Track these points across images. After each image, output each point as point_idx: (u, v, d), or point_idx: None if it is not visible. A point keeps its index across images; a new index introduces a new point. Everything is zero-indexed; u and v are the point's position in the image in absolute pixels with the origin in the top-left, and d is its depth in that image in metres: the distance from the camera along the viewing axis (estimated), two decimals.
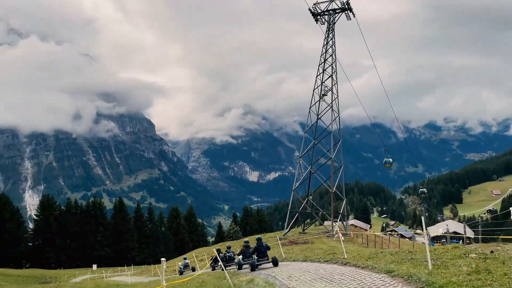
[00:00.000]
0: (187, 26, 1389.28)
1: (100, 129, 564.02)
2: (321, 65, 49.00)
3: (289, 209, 47.57)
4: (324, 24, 50.75)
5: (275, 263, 16.63)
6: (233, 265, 19.13)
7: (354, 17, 49.45)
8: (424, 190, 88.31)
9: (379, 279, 10.05)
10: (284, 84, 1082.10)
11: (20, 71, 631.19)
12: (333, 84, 48.36)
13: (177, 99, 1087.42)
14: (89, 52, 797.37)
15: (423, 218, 10.52)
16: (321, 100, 48.42)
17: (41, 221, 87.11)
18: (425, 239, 12.23)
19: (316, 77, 49.02)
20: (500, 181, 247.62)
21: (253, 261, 16.81)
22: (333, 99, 47.85)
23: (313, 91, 48.92)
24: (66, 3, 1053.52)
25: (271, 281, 10.92)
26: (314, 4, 50.06)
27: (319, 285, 10.10)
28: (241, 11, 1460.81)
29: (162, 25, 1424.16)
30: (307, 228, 54.34)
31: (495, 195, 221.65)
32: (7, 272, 59.86)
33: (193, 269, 27.76)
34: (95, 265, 71.71)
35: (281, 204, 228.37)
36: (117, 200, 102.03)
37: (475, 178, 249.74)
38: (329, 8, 49.96)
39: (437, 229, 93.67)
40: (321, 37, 50.58)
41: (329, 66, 48.81)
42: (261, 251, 17.30)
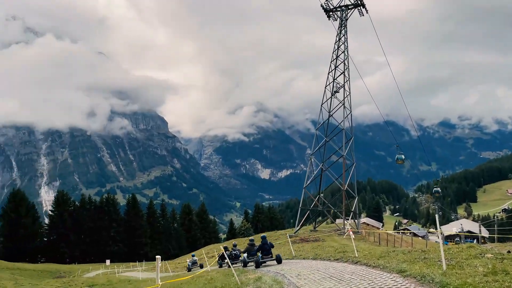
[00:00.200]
0: (199, 23, 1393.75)
1: (114, 126, 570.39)
2: (333, 62, 48.52)
3: (300, 206, 47.34)
4: (336, 20, 50.24)
5: (279, 261, 17.15)
6: (239, 263, 19.52)
7: (367, 13, 48.82)
8: (438, 189, 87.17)
9: (391, 279, 9.76)
10: (296, 81, 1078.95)
11: (36, 69, 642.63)
12: (345, 81, 47.86)
13: (190, 96, 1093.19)
14: (103, 50, 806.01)
15: (437, 216, 10.21)
16: (333, 97, 47.95)
17: (56, 217, 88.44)
18: (439, 238, 11.86)
19: (328, 74, 48.58)
20: None
21: (258, 259, 17.26)
22: (345, 96, 47.38)
23: (325, 88, 48.50)
24: (81, 1, 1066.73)
25: (279, 280, 10.74)
26: (326, 0, 49.55)
27: (328, 284, 9.89)
28: (254, 8, 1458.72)
29: (175, 23, 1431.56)
30: (318, 226, 54.02)
31: (510, 194, 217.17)
32: (22, 266, 60.96)
33: (201, 266, 27.86)
34: (108, 261, 72.49)
35: (292, 201, 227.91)
36: (130, 196, 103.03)
37: (490, 176, 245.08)
38: (341, 4, 49.42)
39: (450, 228, 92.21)
40: (333, 34, 50.09)
41: (341, 62, 48.32)
42: (265, 249, 17.74)
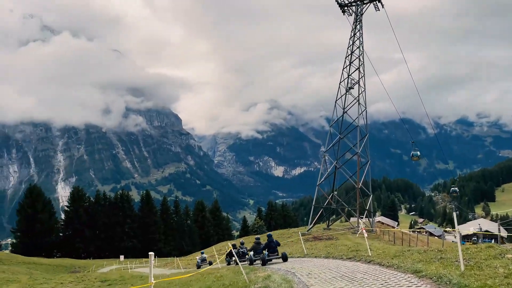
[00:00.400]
0: (214, 21, 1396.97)
1: (128, 123, 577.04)
2: (347, 58, 47.77)
3: (314, 204, 46.84)
4: (351, 15, 49.42)
5: (285, 259, 17.43)
6: (246, 261, 19.66)
7: (382, 7, 47.90)
8: (456, 189, 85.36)
9: (405, 279, 9.32)
10: (310, 78, 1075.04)
11: (53, 67, 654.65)
12: (360, 77, 47.07)
13: (204, 94, 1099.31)
14: (119, 47, 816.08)
15: (454, 214, 9.73)
16: (347, 93, 47.24)
17: (71, 212, 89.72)
18: (457, 237, 11.33)
19: (342, 70, 47.84)
20: None
21: (264, 256, 17.49)
22: (360, 92, 46.58)
23: (339, 84, 47.80)
24: (97, 0, 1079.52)
25: (288, 278, 10.42)
26: None
27: (339, 284, 9.50)
28: (268, 6, 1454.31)
29: (189, 21, 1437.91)
30: (331, 224, 53.44)
31: None
32: (38, 261, 61.95)
33: (210, 263, 27.96)
34: (122, 256, 73.18)
35: (306, 199, 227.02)
36: (144, 193, 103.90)
37: (509, 175, 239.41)
38: None
39: (468, 228, 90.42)
40: (348, 30, 49.31)
41: (356, 58, 47.52)
42: (271, 246, 18.06)
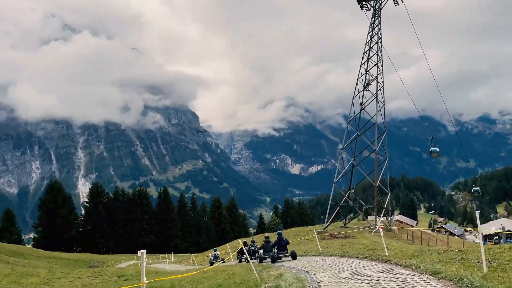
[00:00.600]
0: (231, 18, 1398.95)
1: (147, 121, 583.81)
2: (365, 53, 46.91)
3: (330, 202, 46.29)
4: (369, 10, 48.49)
5: (294, 257, 17.68)
6: (256, 259, 19.81)
7: (402, 2, 46.81)
8: (477, 189, 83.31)
9: (424, 280, 8.88)
10: (327, 75, 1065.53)
11: (73, 65, 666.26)
12: (379, 73, 46.17)
13: (221, 91, 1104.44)
14: (137, 46, 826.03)
15: (477, 213, 9.28)
16: (365, 89, 46.41)
17: (91, 208, 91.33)
18: (479, 237, 10.82)
19: (360, 66, 47.04)
20: None
21: (274, 254, 17.81)
22: (378, 88, 45.70)
23: (357, 80, 47.01)
24: None
25: (301, 277, 10.12)
26: None
27: (353, 285, 9.13)
28: (285, 2, 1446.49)
29: (206, 18, 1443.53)
30: (348, 222, 52.77)
31: None
32: (58, 255, 63.16)
33: (223, 261, 28.03)
34: (140, 252, 74.13)
35: (323, 197, 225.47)
36: (162, 189, 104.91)
37: None
38: None
39: (489, 227, 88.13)
40: (366, 26, 48.33)
41: (375, 54, 46.62)
42: (281, 245, 18.33)
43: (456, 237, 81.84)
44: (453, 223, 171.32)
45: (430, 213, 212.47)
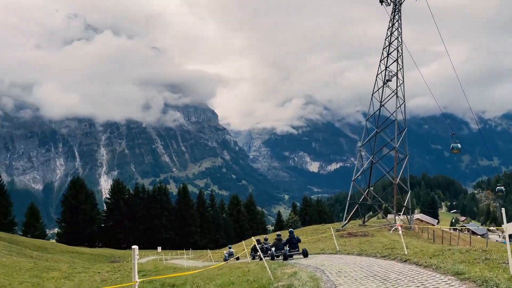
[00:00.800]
0: (249, 16, 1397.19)
1: (167, 118, 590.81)
2: (385, 49, 46.01)
3: (348, 200, 45.71)
4: (389, 5, 47.52)
5: (305, 254, 17.91)
6: (268, 256, 20.16)
7: None
8: (502, 188, 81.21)
9: (445, 282, 8.47)
10: (346, 73, 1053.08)
11: (96, 65, 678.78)
12: (399, 69, 45.24)
13: (239, 89, 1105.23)
14: (157, 45, 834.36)
15: (503, 211, 8.84)
16: (385, 86, 45.55)
17: (112, 204, 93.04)
18: (506, 236, 10.34)
19: (380, 62, 46.17)
20: None
21: (285, 252, 18.08)
22: (398, 85, 44.80)
23: (376, 76, 46.17)
24: None
25: (316, 276, 9.88)
26: None
27: (370, 285, 8.80)
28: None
29: (225, 16, 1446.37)
30: (367, 220, 52.05)
31: None
32: (81, 250, 64.60)
33: (237, 258, 28.59)
34: (160, 248, 74.99)
35: (342, 195, 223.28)
36: (181, 186, 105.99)
37: None
38: None
39: None
40: (386, 23, 47.34)
41: (395, 49, 45.68)
42: (293, 242, 18.67)
43: (478, 236, 79.72)
44: (476, 222, 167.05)
45: (451, 212, 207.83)
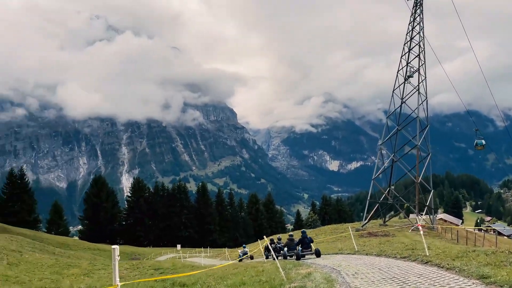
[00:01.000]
0: (268, 14, 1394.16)
1: (187, 118, 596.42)
2: (406, 44, 44.80)
3: (368, 199, 44.83)
4: None
5: (318, 254, 18.02)
6: (281, 256, 20.30)
7: None
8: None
9: (469, 286, 7.98)
10: (367, 70, 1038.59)
11: (117, 65, 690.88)
12: (421, 64, 43.98)
13: (258, 88, 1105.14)
14: (177, 44, 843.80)
15: None
16: (406, 82, 44.38)
17: (132, 202, 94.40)
18: None
19: (400, 57, 44.98)
20: None
21: (298, 252, 18.24)
22: (420, 81, 43.56)
23: (397, 72, 45.02)
24: None
25: (331, 278, 9.48)
26: None
27: None
28: None
29: (243, 15, 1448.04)
30: (388, 220, 51.03)
31: None
32: (102, 247, 65.54)
33: (251, 257, 28.72)
34: (179, 245, 75.69)
35: (362, 194, 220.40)
36: (200, 184, 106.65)
37: None
38: None
39: None
40: (407, 18, 46.09)
41: (416, 45, 44.41)
42: (305, 242, 18.80)
43: (505, 237, 77.23)
44: (502, 222, 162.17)
45: (476, 212, 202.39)
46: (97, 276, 24.99)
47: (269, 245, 12.71)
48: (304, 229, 23.36)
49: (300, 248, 18.57)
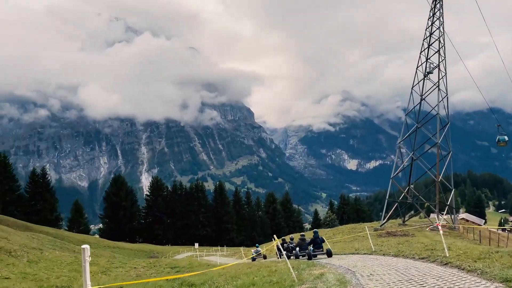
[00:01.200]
0: (284, 13, 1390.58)
1: (204, 117, 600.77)
2: (426, 40, 43.73)
3: (387, 198, 44.00)
4: None
5: (329, 255, 18.11)
6: (292, 256, 20.41)
7: None
8: None
9: None
10: (385, 68, 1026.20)
11: (135, 65, 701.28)
12: (441, 60, 42.86)
13: (275, 87, 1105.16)
14: (194, 44, 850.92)
15: None
16: (425, 78, 43.34)
17: (151, 201, 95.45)
18: None
19: (420, 53, 43.94)
20: None
21: (309, 251, 18.35)
22: (441, 77, 42.45)
23: (416, 68, 44.00)
24: (174, 0, 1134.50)
25: (344, 279, 9.14)
26: None
27: None
28: None
29: (260, 14, 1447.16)
30: (408, 219, 49.99)
31: None
32: (122, 245, 66.49)
33: (265, 257, 28.84)
34: (197, 244, 76.03)
35: (381, 194, 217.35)
36: (217, 184, 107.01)
37: None
38: None
39: None
40: (426, 14, 44.99)
41: (436, 40, 43.30)
42: (317, 242, 18.96)
43: None
44: None
45: (500, 211, 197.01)
46: (114, 274, 25.21)
47: (280, 245, 12.64)
48: (316, 229, 23.33)
49: (311, 248, 18.74)
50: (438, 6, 43.55)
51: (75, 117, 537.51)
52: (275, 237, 11.22)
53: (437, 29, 43.47)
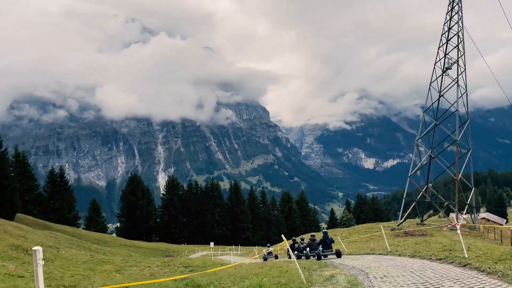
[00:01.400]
0: (300, 11, 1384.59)
1: (220, 117, 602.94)
2: (444, 35, 42.64)
3: (404, 197, 43.13)
4: None
5: (339, 255, 18.49)
6: (303, 256, 20.84)
7: None
8: None
9: None
10: (403, 65, 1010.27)
11: (152, 66, 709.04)
12: (460, 55, 41.72)
13: (290, 85, 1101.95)
14: (209, 44, 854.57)
15: None
16: (444, 74, 42.27)
17: (167, 200, 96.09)
18: None
19: (438, 49, 42.86)
20: None
21: (319, 252, 18.80)
22: (460, 73, 41.33)
23: (434, 64, 42.93)
24: (189, 0, 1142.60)
25: (356, 281, 8.74)
26: None
27: None
28: None
29: (275, 13, 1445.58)
30: (427, 219, 48.92)
31: None
32: (138, 244, 67.12)
33: (276, 257, 29.03)
34: (212, 243, 76.18)
35: (399, 193, 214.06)
36: (233, 182, 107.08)
37: None
38: None
39: None
40: (445, 9, 43.86)
41: (455, 35, 42.18)
42: (326, 243, 19.27)
43: None
44: None
45: None
46: (128, 272, 25.30)
47: (289, 246, 12.63)
48: (325, 230, 24.34)
49: (321, 248, 19.15)
50: (456, 0, 42.41)
51: (93, 118, 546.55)
52: (283, 237, 10.96)
53: (456, 23, 42.34)
